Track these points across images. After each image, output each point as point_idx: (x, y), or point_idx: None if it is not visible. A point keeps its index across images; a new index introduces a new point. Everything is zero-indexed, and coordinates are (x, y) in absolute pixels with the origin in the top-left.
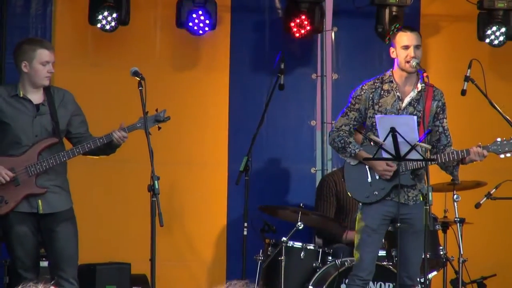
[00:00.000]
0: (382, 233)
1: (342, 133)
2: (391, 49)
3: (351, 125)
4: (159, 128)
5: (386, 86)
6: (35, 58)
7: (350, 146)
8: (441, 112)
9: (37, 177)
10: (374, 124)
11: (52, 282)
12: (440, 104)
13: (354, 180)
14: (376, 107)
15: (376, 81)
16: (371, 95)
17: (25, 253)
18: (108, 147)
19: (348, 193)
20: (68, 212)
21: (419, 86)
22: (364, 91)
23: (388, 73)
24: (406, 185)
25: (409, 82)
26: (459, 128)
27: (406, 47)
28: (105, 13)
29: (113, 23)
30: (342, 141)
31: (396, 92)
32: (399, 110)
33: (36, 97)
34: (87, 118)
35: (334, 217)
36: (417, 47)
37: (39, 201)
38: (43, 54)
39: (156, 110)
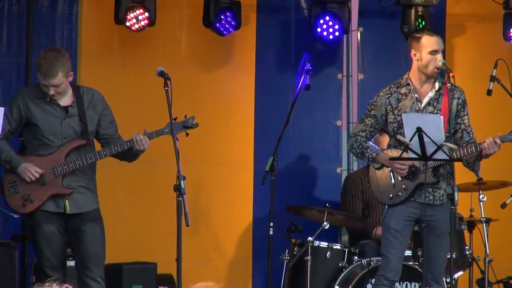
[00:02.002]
0: (407, 234)
1: (359, 138)
2: (413, 51)
3: (367, 132)
4: (187, 134)
5: (403, 90)
6: (39, 78)
7: (368, 151)
8: (462, 109)
9: (64, 177)
10: (395, 128)
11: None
12: (460, 101)
13: (378, 182)
14: (396, 111)
15: (392, 86)
16: (387, 101)
17: (52, 252)
18: (129, 152)
19: (374, 196)
20: (95, 212)
21: (437, 85)
22: (379, 97)
23: (405, 76)
24: (428, 183)
25: (427, 82)
26: (485, 128)
27: (435, 52)
28: (134, 13)
29: (142, 23)
30: (360, 147)
31: (414, 94)
32: (419, 111)
33: (65, 99)
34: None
35: (361, 213)
36: (442, 51)
37: (66, 201)
38: (41, 78)
39: (185, 117)
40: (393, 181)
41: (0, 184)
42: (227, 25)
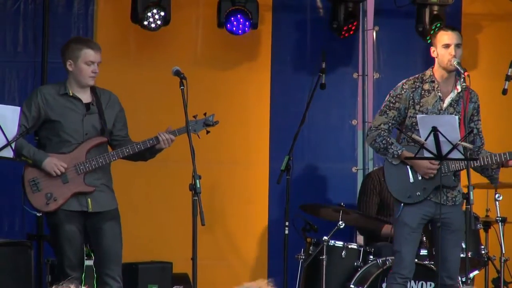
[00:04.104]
0: (420, 231)
1: (382, 132)
2: (432, 48)
3: (390, 124)
4: (208, 132)
5: (426, 86)
6: (80, 58)
7: (392, 147)
8: (475, 114)
9: (86, 175)
10: (414, 123)
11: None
12: (476, 106)
13: (395, 179)
14: (417, 107)
15: (416, 80)
16: (411, 94)
17: (73, 251)
18: (148, 151)
19: (390, 192)
20: (115, 211)
21: (458, 87)
22: (404, 90)
23: (428, 72)
24: (448, 186)
25: (448, 82)
26: (501, 127)
27: (447, 46)
28: (152, 12)
29: (158, 22)
30: (384, 142)
31: (438, 92)
32: (440, 110)
33: (85, 96)
34: (129, 117)
35: (376, 214)
36: (457, 46)
37: (89, 199)
38: (88, 53)
39: (205, 114)
40: (412, 179)
41: (21, 182)
42: (240, 25)
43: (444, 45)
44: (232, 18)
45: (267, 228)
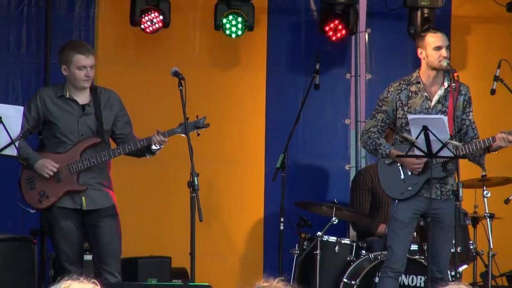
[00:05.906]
0: (412, 227)
1: (372, 134)
2: (419, 50)
3: (379, 126)
4: (198, 134)
5: (413, 88)
6: (72, 63)
7: (381, 147)
8: (467, 106)
9: (80, 174)
10: (403, 124)
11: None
12: (466, 98)
13: (388, 178)
14: (406, 108)
15: (402, 82)
16: (397, 96)
17: (69, 247)
18: (147, 150)
19: (384, 191)
20: (111, 209)
21: (446, 83)
22: (390, 93)
23: (415, 74)
24: (437, 178)
25: (436, 81)
26: (489, 126)
27: (439, 48)
28: (149, 15)
29: (157, 25)
30: (373, 143)
31: (424, 92)
32: (428, 109)
33: (83, 97)
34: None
35: (369, 210)
36: (447, 47)
37: (83, 197)
38: (79, 59)
39: (197, 117)
40: (402, 176)
41: (18, 180)
42: (233, 29)
43: (436, 48)
44: (229, 18)
45: (262, 224)
